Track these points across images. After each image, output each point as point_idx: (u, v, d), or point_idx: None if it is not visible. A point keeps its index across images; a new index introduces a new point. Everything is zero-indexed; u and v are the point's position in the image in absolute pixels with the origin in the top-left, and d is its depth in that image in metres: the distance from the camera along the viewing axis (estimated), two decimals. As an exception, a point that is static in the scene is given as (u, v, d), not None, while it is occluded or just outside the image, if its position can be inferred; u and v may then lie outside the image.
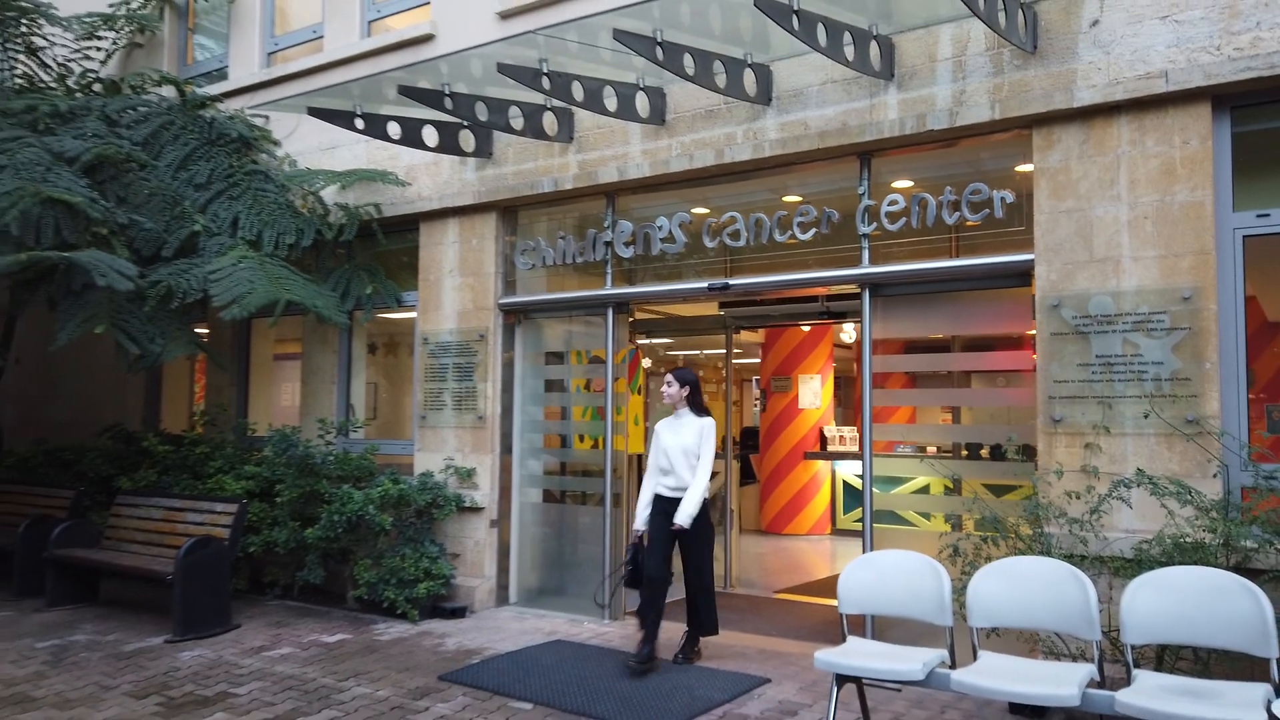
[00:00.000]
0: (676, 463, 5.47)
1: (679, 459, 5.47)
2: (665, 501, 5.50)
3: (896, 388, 9.12)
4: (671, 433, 5.56)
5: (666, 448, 5.53)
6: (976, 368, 6.69)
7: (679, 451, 5.48)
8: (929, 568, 4.28)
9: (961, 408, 7.79)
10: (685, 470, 5.45)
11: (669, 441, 5.54)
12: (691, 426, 5.52)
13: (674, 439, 5.53)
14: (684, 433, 5.52)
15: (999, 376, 6.32)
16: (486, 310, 7.33)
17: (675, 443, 5.51)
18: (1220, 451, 4.51)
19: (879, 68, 5.46)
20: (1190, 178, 4.71)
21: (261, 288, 6.69)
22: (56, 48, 9.37)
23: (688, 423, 5.55)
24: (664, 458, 5.53)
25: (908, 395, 6.52)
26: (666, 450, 5.52)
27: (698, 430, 5.50)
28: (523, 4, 7.15)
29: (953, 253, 5.83)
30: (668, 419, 5.66)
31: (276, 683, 5.27)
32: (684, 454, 5.46)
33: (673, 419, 5.63)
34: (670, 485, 5.51)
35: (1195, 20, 4.73)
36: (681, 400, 5.61)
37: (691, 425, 5.53)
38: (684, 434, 5.51)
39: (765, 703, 4.88)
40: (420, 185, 7.65)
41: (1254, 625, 3.57)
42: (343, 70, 8.16)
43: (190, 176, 7.92)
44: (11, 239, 6.56)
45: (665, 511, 5.46)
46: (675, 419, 5.62)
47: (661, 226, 6.52)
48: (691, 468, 5.44)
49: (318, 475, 7.07)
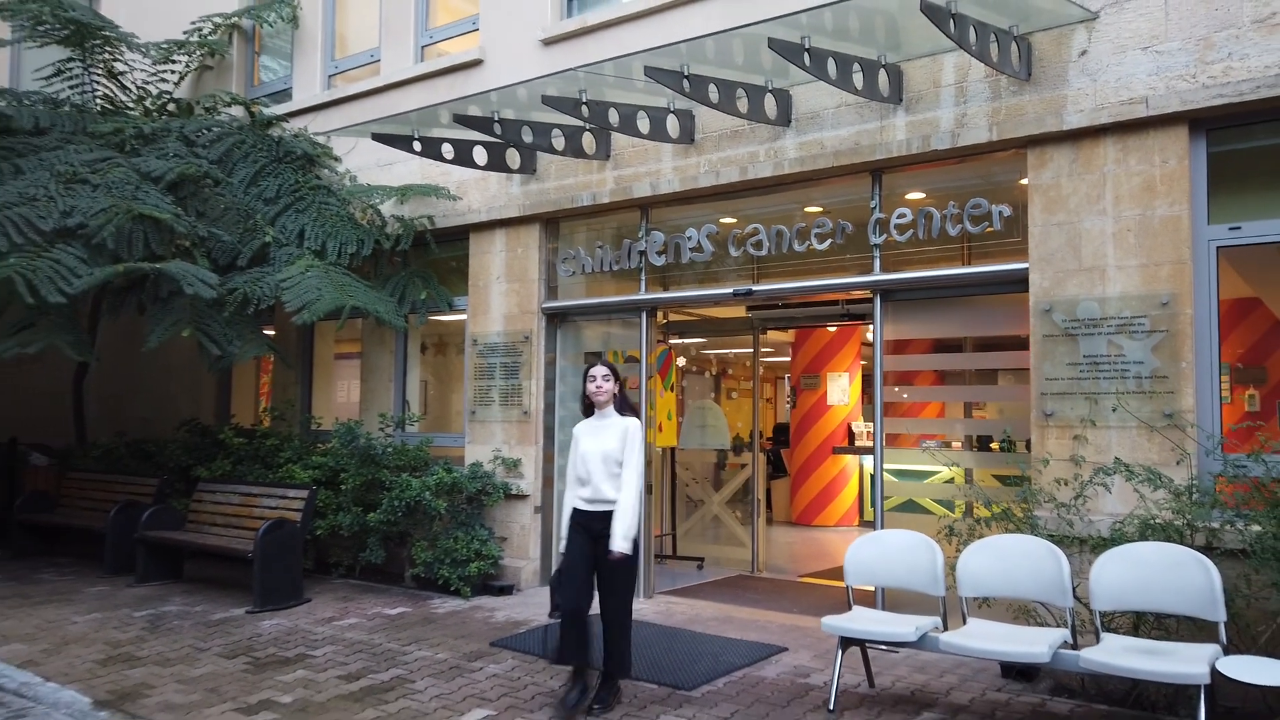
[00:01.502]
0: (594, 471, 4.70)
1: (597, 467, 4.69)
2: (584, 516, 4.74)
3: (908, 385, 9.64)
4: (591, 436, 4.80)
5: (584, 454, 4.76)
6: (977, 366, 7.13)
7: (598, 458, 4.70)
8: (924, 544, 4.83)
9: (975, 403, 8.26)
10: (604, 480, 4.68)
11: (587, 446, 4.76)
12: (614, 429, 4.76)
13: (594, 443, 4.75)
14: (605, 436, 4.75)
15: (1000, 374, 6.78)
16: (530, 314, 7.97)
17: (595, 448, 4.72)
18: (1195, 441, 4.99)
19: (887, 94, 5.99)
20: (1169, 194, 5.18)
21: (328, 294, 7.38)
22: (135, 71, 10.19)
23: (611, 424, 4.79)
24: (581, 465, 4.76)
25: (918, 391, 7.00)
26: (584, 456, 4.75)
27: (621, 433, 4.73)
28: (563, 32, 7.77)
29: (965, 260, 6.34)
30: (588, 421, 4.91)
31: (347, 647, 5.95)
32: (603, 460, 4.68)
33: (595, 420, 4.87)
34: (587, 497, 4.74)
35: (1173, 51, 5.20)
36: (611, 398, 4.87)
37: (614, 427, 4.76)
38: (605, 437, 4.74)
39: (781, 666, 5.45)
40: (470, 199, 8.30)
41: (1205, 593, 4.07)
42: (398, 92, 8.85)
43: (260, 191, 8.67)
44: (107, 251, 7.34)
45: (584, 527, 4.73)
46: (598, 420, 4.86)
47: (691, 237, 7.10)
48: (613, 476, 4.68)
49: (378, 465, 7.76)
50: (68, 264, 7.06)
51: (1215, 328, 5.14)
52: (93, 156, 8.18)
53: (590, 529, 4.72)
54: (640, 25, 7.33)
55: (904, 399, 6.95)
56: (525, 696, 4.94)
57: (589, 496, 4.74)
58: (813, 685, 5.06)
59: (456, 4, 9.06)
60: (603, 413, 4.85)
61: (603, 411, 4.85)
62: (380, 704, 4.82)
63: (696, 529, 9.63)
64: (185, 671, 5.44)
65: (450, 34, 8.88)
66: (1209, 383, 5.11)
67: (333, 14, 9.93)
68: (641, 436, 4.78)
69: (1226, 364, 8.23)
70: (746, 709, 4.70)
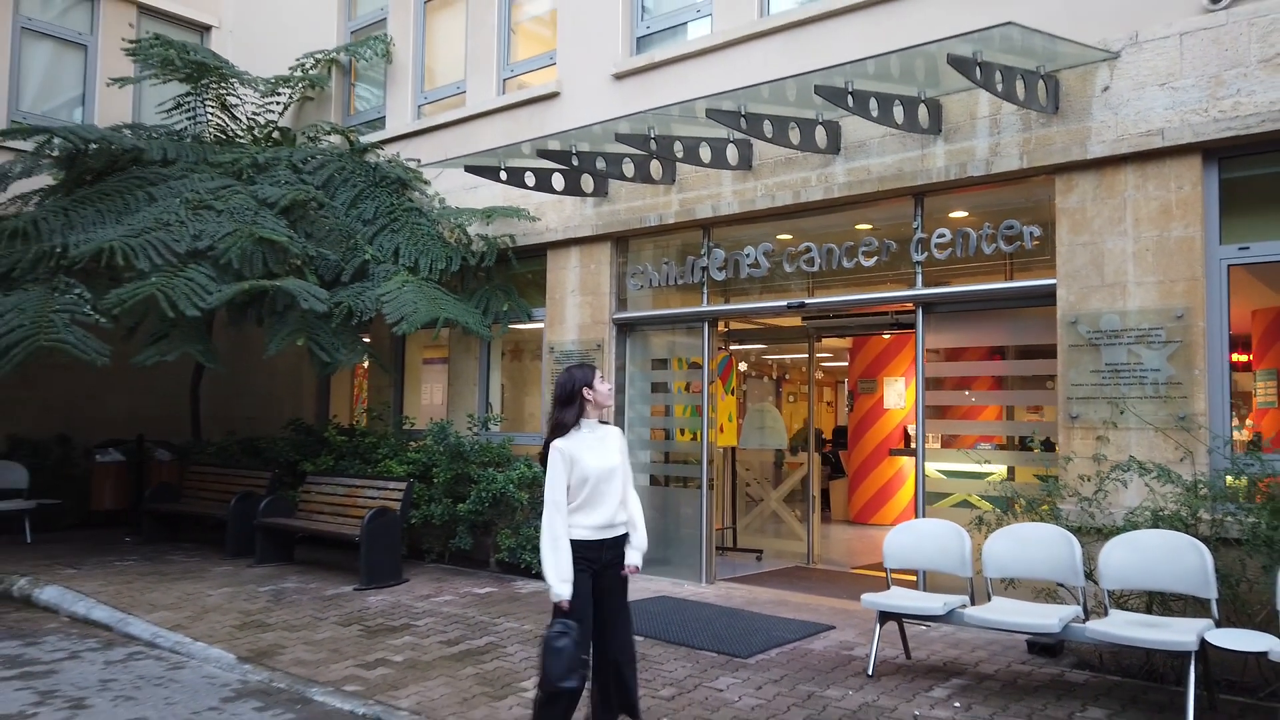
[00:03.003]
0: (610, 492, 4.11)
1: (612, 487, 4.12)
2: (592, 549, 4.07)
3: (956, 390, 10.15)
4: (595, 452, 4.10)
5: (596, 474, 4.05)
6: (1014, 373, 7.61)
7: (611, 477, 4.11)
8: (954, 531, 5.46)
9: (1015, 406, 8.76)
10: (616, 502, 4.14)
11: (596, 464, 4.07)
12: (612, 441, 4.22)
13: (601, 460, 4.10)
14: (608, 450, 4.16)
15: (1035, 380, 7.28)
16: (602, 324, 8.74)
17: (604, 464, 4.10)
18: (1206, 442, 5.51)
19: (926, 126, 6.61)
20: (1184, 217, 5.71)
21: (424, 307, 8.25)
22: (245, 104, 11.27)
23: (607, 436, 4.22)
24: (592, 488, 4.04)
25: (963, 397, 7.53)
26: (597, 477, 4.05)
27: (619, 444, 4.24)
28: (633, 67, 8.53)
29: (1007, 275, 6.90)
30: (581, 435, 4.13)
31: (444, 619, 6.78)
32: (616, 479, 4.14)
33: (588, 433, 4.16)
34: (599, 524, 4.08)
35: (1187, 87, 5.72)
36: None
37: (612, 439, 4.23)
38: (608, 452, 4.15)
39: (828, 641, 6.11)
40: (548, 219, 9.11)
41: (1198, 573, 4.63)
42: (482, 122, 9.73)
43: (360, 213, 9.61)
44: (232, 270, 8.32)
45: (590, 561, 4.07)
46: (591, 433, 4.17)
47: (749, 254, 7.79)
48: (618, 494, 4.16)
49: (467, 460, 8.61)
50: (200, 282, 8.05)
51: (1226, 338, 5.64)
52: (215, 184, 9.20)
53: (597, 560, 4.07)
54: (702, 61, 8.06)
55: (957, 403, 7.49)
56: (602, 660, 5.69)
57: (603, 523, 4.08)
58: (855, 656, 5.71)
59: (535, 40, 9.90)
60: (591, 423, 4.19)
61: (591, 421, 4.19)
62: (478, 663, 5.62)
63: (755, 524, 10.30)
64: (309, 636, 6.32)
65: (530, 68, 9.72)
66: (1220, 388, 5.62)
67: (422, 49, 10.86)
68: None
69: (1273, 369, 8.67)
70: (795, 673, 5.38)
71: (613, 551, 4.15)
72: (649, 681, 5.20)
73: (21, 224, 8.73)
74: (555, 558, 3.92)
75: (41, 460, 10.88)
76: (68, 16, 12.18)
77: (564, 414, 4.12)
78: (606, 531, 4.11)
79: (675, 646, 6.00)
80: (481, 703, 4.90)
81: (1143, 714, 4.64)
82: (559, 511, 4.00)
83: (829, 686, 5.13)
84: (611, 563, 4.15)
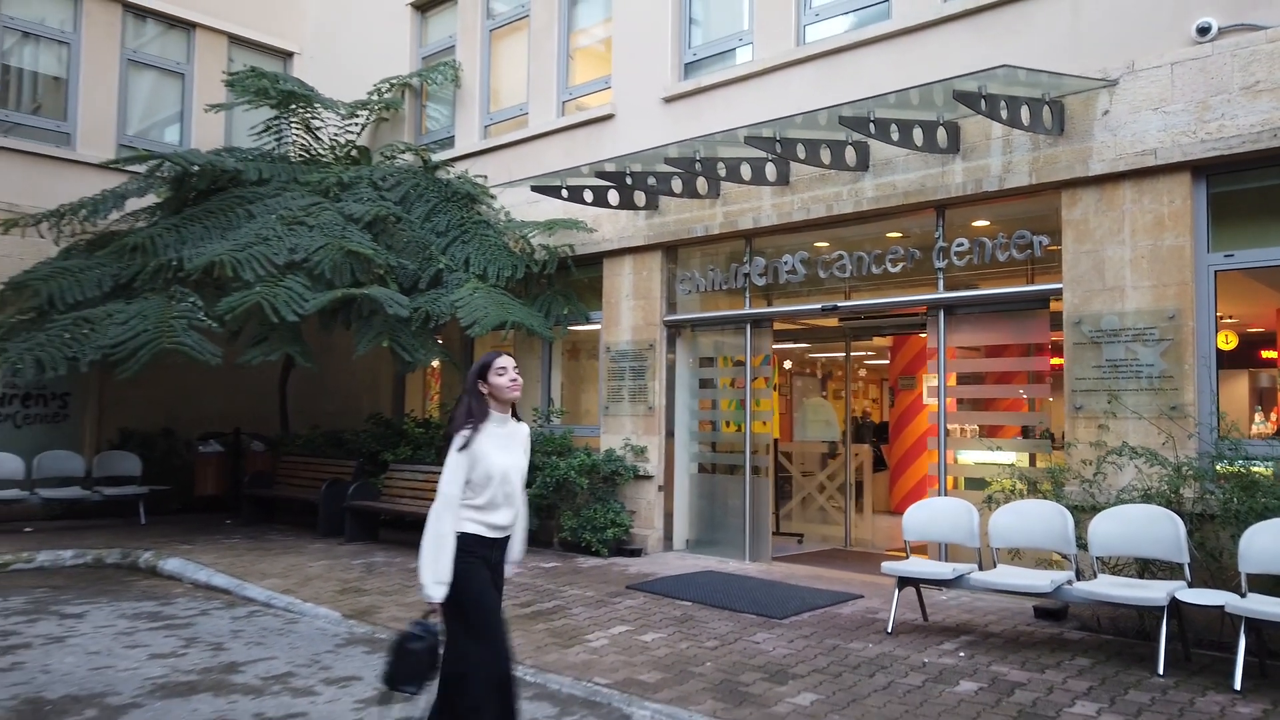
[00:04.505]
0: (516, 492, 3.83)
1: (518, 486, 3.85)
2: (487, 546, 3.76)
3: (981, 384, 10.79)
4: (503, 449, 3.79)
5: (503, 470, 3.74)
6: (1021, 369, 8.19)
7: (518, 475, 3.84)
8: (964, 508, 6.20)
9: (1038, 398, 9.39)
10: (521, 498, 3.90)
11: (503, 462, 3.75)
12: (520, 438, 3.92)
13: (509, 457, 3.80)
14: (515, 447, 3.86)
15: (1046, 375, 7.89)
16: (654, 326, 9.58)
17: (512, 462, 3.80)
18: (1194, 429, 6.16)
19: (945, 146, 7.33)
20: (1175, 228, 6.37)
21: (493, 312, 9.18)
22: (327, 126, 12.35)
23: (516, 433, 3.90)
24: (499, 485, 3.73)
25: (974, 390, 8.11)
26: (504, 474, 3.74)
27: (525, 443, 3.96)
28: (681, 91, 9.37)
29: (1029, 278, 7.56)
30: (488, 429, 3.77)
31: (516, 587, 7.69)
32: (521, 477, 3.88)
33: (496, 428, 3.80)
34: (500, 523, 3.77)
35: (1178, 111, 6.38)
36: None
37: (519, 436, 3.92)
38: (515, 449, 3.86)
39: (856, 607, 6.89)
40: (604, 230, 9.99)
41: (1173, 541, 5.33)
42: (543, 141, 10.65)
43: (433, 226, 10.59)
44: (324, 279, 9.34)
45: (485, 559, 3.74)
46: (500, 427, 3.81)
47: (787, 261, 8.58)
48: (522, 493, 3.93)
49: (532, 450, 9.50)
50: (297, 290, 9.08)
51: (1213, 337, 6.29)
52: (305, 202, 10.26)
53: (490, 559, 3.77)
54: (745, 86, 8.86)
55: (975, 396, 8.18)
56: (654, 620, 6.54)
57: (503, 522, 3.79)
58: (878, 619, 6.48)
59: (592, 65, 10.79)
60: (503, 417, 3.83)
61: (504, 416, 3.84)
62: (548, 621, 6.51)
63: (797, 510, 11.06)
64: (400, 599, 7.27)
65: (587, 91, 10.61)
66: (1207, 381, 6.27)
67: (488, 74, 11.82)
68: None
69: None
70: (823, 631, 6.17)
71: (500, 553, 3.84)
72: (696, 636, 6.05)
73: (140, 239, 9.88)
74: (436, 557, 3.58)
75: (149, 451, 12.08)
76: (167, 48, 13.41)
77: (466, 406, 3.79)
78: (503, 532, 3.82)
79: (719, 610, 6.82)
80: (552, 649, 5.78)
81: (1123, 663, 5.35)
82: (449, 508, 3.66)
83: (852, 641, 5.92)
84: (497, 564, 3.83)
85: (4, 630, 6.39)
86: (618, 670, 5.30)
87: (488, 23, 11.84)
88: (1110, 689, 4.88)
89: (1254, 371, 12.29)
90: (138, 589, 7.98)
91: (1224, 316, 10.92)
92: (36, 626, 6.51)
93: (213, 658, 5.79)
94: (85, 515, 11.47)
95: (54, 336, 9.09)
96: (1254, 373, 12.31)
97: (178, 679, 5.29)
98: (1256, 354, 11.65)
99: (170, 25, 13.37)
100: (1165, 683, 4.98)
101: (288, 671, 5.49)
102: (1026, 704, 4.66)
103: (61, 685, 5.15)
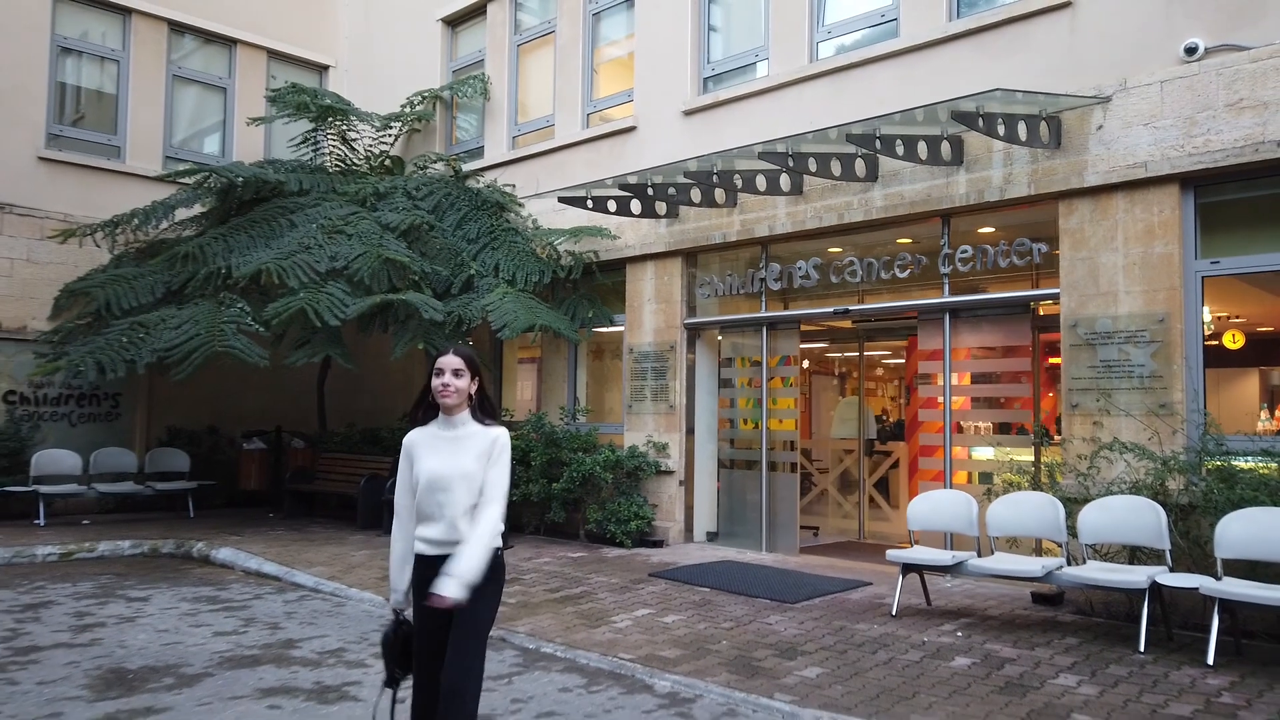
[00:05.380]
0: (450, 502, 3.37)
1: (456, 497, 3.37)
2: (428, 565, 3.36)
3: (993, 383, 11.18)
4: (439, 453, 3.43)
5: (432, 478, 3.38)
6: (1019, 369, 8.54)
7: (457, 483, 3.37)
8: (964, 499, 6.64)
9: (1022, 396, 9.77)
10: (463, 514, 3.38)
11: (435, 467, 3.39)
12: (474, 443, 3.45)
13: (445, 462, 3.40)
14: (462, 453, 3.42)
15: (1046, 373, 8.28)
16: (675, 328, 10.06)
17: (448, 469, 3.38)
18: (1183, 425, 6.56)
19: (949, 159, 7.76)
20: (1164, 236, 6.76)
21: (522, 315, 9.70)
22: (362, 138, 12.92)
23: (468, 436, 3.46)
24: (428, 494, 3.39)
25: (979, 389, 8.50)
26: (432, 481, 3.38)
27: (486, 448, 3.45)
28: (700, 105, 9.84)
29: (1033, 283, 7.97)
30: (430, 430, 3.51)
31: (545, 574, 8.20)
32: (465, 487, 3.38)
33: (440, 429, 3.49)
34: (434, 538, 3.39)
35: (1167, 127, 6.77)
36: (465, 399, 3.49)
37: (474, 441, 3.45)
38: (462, 455, 3.42)
39: (864, 593, 7.34)
40: (626, 237, 10.48)
41: (1154, 528, 5.75)
42: (568, 152, 11.15)
43: (465, 233, 11.13)
44: (363, 286, 9.90)
45: (429, 580, 3.28)
46: (445, 428, 3.48)
47: (800, 267, 9.03)
48: (469, 510, 3.39)
49: (559, 446, 10.04)
50: (338, 296, 9.65)
51: (1200, 338, 6.68)
52: (344, 212, 10.82)
53: (426, 579, 3.31)
54: (760, 100, 9.32)
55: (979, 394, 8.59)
56: (674, 604, 7.03)
57: (438, 537, 3.37)
58: (884, 604, 6.93)
59: (615, 80, 11.27)
60: (451, 420, 3.46)
61: (452, 418, 3.47)
62: (576, 604, 7.02)
63: (814, 504, 11.49)
64: (438, 585, 7.79)
65: (610, 104, 11.11)
66: (1194, 381, 6.66)
67: (515, 87, 12.34)
68: (509, 455, 3.51)
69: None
70: (831, 614, 6.63)
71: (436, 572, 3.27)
72: (713, 618, 6.53)
73: (191, 248, 10.49)
74: (391, 564, 3.56)
75: (195, 447, 12.72)
76: (210, 63, 14.04)
77: (417, 405, 3.58)
78: (437, 548, 3.35)
79: (735, 595, 7.30)
80: (580, 629, 6.28)
81: (1109, 642, 5.78)
82: (396, 515, 3.53)
83: (858, 622, 6.37)
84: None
85: (79, 611, 6.98)
86: (640, 647, 5.79)
87: (515, 38, 12.36)
88: (1093, 664, 5.31)
89: (1265, 370, 12.59)
90: (194, 576, 8.57)
91: (1233, 316, 11.32)
92: (107, 608, 7.10)
93: (271, 635, 6.34)
94: (137, 509, 12.14)
95: (112, 340, 9.71)
96: (1265, 371, 12.61)
97: (242, 653, 5.84)
98: (1267, 353, 11.95)
99: (212, 41, 13.99)
100: (1145, 659, 5.40)
101: (340, 647, 6.03)
102: (1014, 676, 5.11)
103: (139, 658, 5.71)
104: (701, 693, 4.99)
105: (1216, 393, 11.98)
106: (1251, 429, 10.81)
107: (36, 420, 11.79)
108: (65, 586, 7.91)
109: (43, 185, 12.11)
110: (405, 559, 3.50)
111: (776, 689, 4.94)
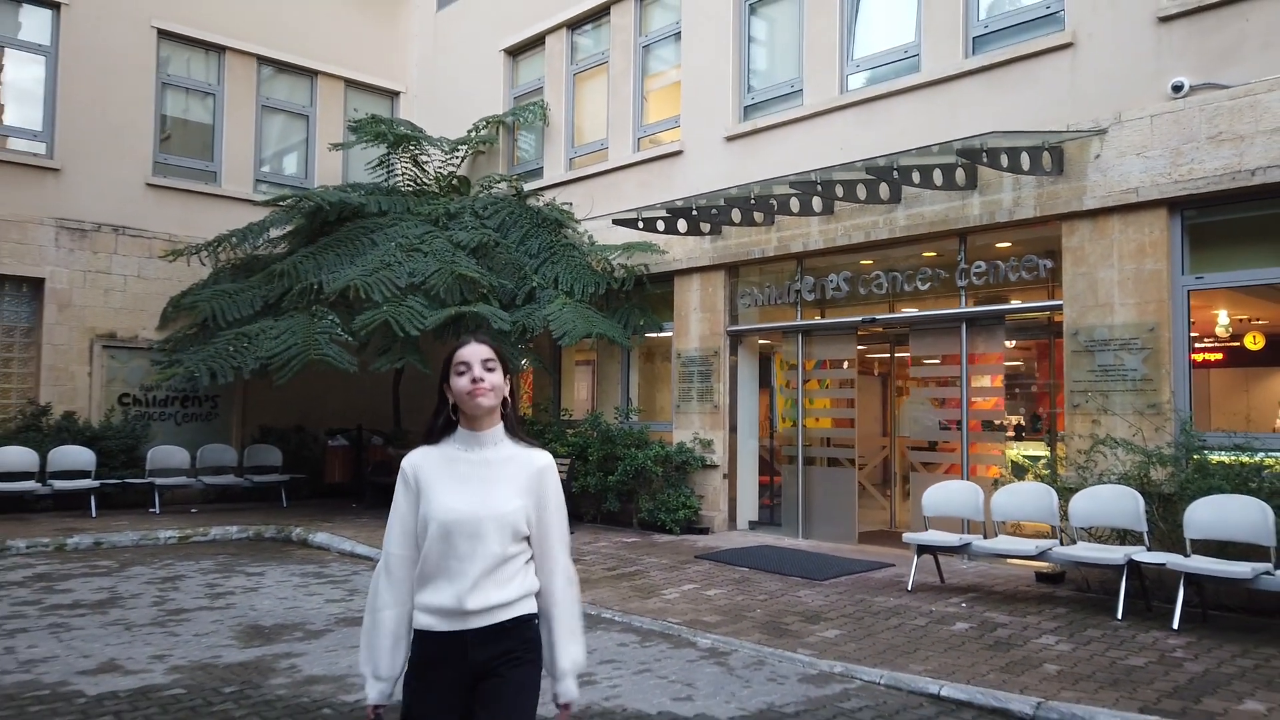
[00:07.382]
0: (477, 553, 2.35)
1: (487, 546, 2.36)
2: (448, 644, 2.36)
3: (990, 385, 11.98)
4: (462, 483, 2.42)
5: (450, 521, 2.36)
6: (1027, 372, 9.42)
7: (492, 524, 2.37)
8: (971, 489, 7.53)
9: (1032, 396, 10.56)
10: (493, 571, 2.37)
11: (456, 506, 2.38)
12: (512, 469, 2.46)
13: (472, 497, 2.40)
14: (497, 483, 2.43)
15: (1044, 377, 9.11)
16: (718, 335, 11.04)
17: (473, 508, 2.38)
18: (1169, 424, 7.36)
19: (963, 184, 8.62)
20: (1154, 254, 7.56)
21: (580, 324, 10.75)
22: (432, 161, 14.11)
23: (503, 461, 2.47)
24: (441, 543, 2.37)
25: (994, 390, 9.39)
26: (449, 526, 2.36)
27: (530, 481, 2.46)
28: (741, 131, 10.80)
29: (1050, 295, 8.80)
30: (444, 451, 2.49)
31: (602, 556, 9.25)
32: (500, 532, 2.38)
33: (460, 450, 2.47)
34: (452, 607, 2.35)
35: (1156, 157, 7.57)
36: (499, 405, 2.48)
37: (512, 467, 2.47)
38: (497, 487, 2.42)
39: (886, 573, 8.26)
40: (674, 252, 11.48)
41: (1134, 513, 6.59)
42: (620, 174, 12.19)
43: (527, 249, 12.23)
44: (438, 299, 11.04)
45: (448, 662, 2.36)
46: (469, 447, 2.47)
47: (832, 280, 9.95)
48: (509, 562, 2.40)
49: (614, 443, 11.09)
50: (417, 309, 10.80)
51: (1186, 346, 7.48)
52: (419, 231, 11.99)
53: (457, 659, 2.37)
54: (795, 127, 10.25)
55: (994, 395, 9.46)
56: (716, 581, 8.02)
57: (453, 606, 2.35)
58: (902, 581, 7.83)
59: (664, 107, 12.28)
60: (479, 435, 2.47)
61: (479, 433, 2.48)
62: (630, 580, 8.05)
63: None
64: (509, 564, 8.89)
65: (659, 129, 12.12)
66: (1182, 383, 7.45)
67: (572, 113, 13.42)
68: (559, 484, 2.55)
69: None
70: (854, 589, 7.57)
71: (496, 647, 2.37)
72: (750, 591, 7.51)
73: (286, 266, 11.75)
74: (367, 643, 2.45)
75: (284, 444, 14.04)
76: (294, 93, 15.37)
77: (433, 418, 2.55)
78: (469, 621, 2.35)
79: (770, 574, 8.27)
80: (634, 600, 7.31)
81: (1093, 613, 6.63)
82: (385, 573, 2.46)
83: (877, 596, 7.31)
84: (494, 662, 2.37)
85: (209, 583, 8.21)
86: (686, 614, 6.80)
87: (571, 67, 13.43)
88: (1073, 629, 6.19)
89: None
90: (297, 556, 9.80)
91: (1255, 319, 11.96)
92: (231, 580, 8.32)
93: (373, 602, 7.47)
94: (236, 499, 13.50)
95: (220, 349, 11.00)
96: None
97: (353, 615, 6.98)
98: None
99: (296, 73, 15.31)
100: (1120, 624, 6.27)
101: (432, 612, 7.13)
102: (1003, 637, 6.01)
103: (269, 618, 6.88)
104: (736, 648, 5.97)
105: (1238, 392, 12.63)
106: (1270, 427, 11.42)
107: (147, 420, 13.21)
108: (190, 564, 9.17)
109: (150, 209, 13.51)
110: (398, 634, 2.43)
111: (800, 645, 5.91)
